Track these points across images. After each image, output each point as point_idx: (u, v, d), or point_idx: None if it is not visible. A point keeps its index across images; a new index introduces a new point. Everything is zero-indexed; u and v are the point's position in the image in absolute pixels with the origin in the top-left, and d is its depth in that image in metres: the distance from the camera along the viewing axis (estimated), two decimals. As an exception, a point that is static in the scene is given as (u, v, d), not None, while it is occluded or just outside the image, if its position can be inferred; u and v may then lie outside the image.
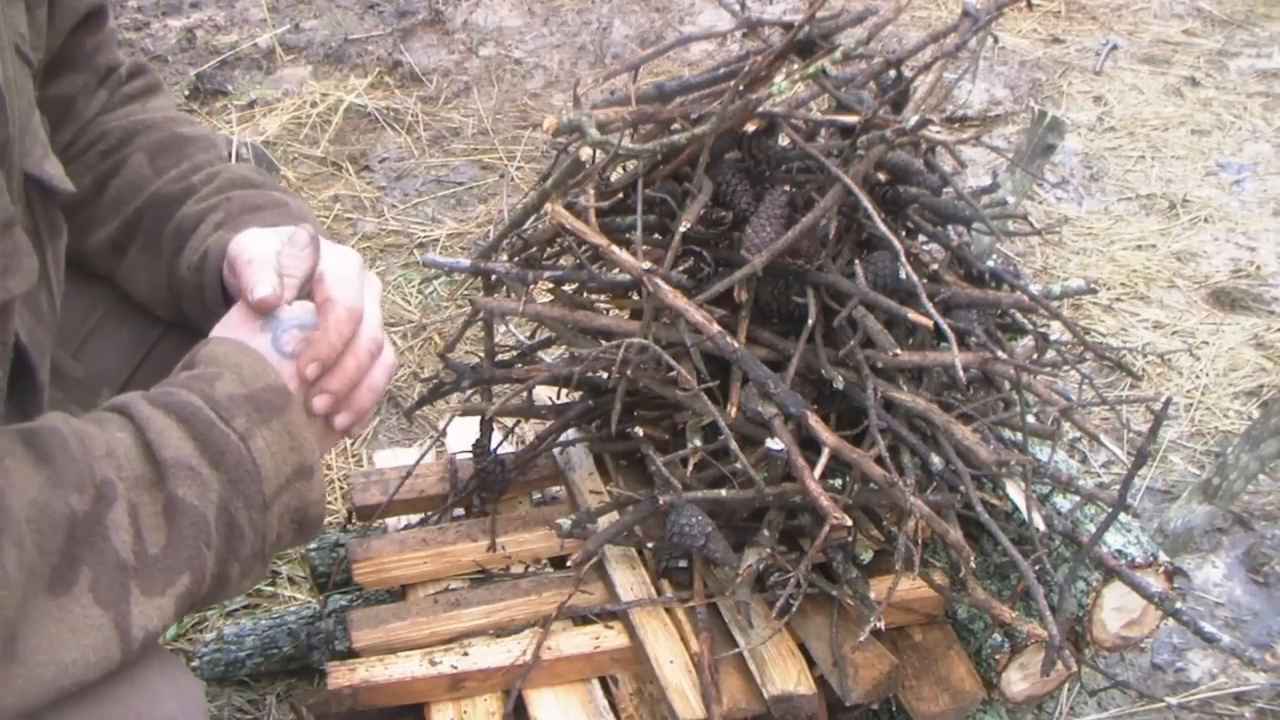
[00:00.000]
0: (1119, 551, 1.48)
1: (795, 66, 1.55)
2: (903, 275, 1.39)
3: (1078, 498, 1.56)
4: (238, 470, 0.91)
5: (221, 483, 0.90)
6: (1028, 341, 1.70)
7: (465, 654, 1.45)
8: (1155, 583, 1.47)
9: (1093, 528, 1.49)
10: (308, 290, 1.06)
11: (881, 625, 1.40)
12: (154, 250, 1.19)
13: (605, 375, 1.56)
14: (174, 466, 0.88)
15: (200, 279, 1.14)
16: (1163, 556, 1.51)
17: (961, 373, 1.38)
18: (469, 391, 1.64)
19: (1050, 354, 1.64)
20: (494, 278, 1.57)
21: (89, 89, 1.22)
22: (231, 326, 1.03)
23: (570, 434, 1.73)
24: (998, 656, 1.48)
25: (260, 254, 1.06)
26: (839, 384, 1.42)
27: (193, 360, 0.98)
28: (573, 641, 1.47)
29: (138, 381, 1.24)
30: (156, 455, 0.88)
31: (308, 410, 1.01)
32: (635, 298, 1.63)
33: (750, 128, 1.50)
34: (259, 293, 1.02)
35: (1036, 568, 1.43)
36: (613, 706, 1.45)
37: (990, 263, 1.65)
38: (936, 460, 1.43)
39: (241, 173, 1.23)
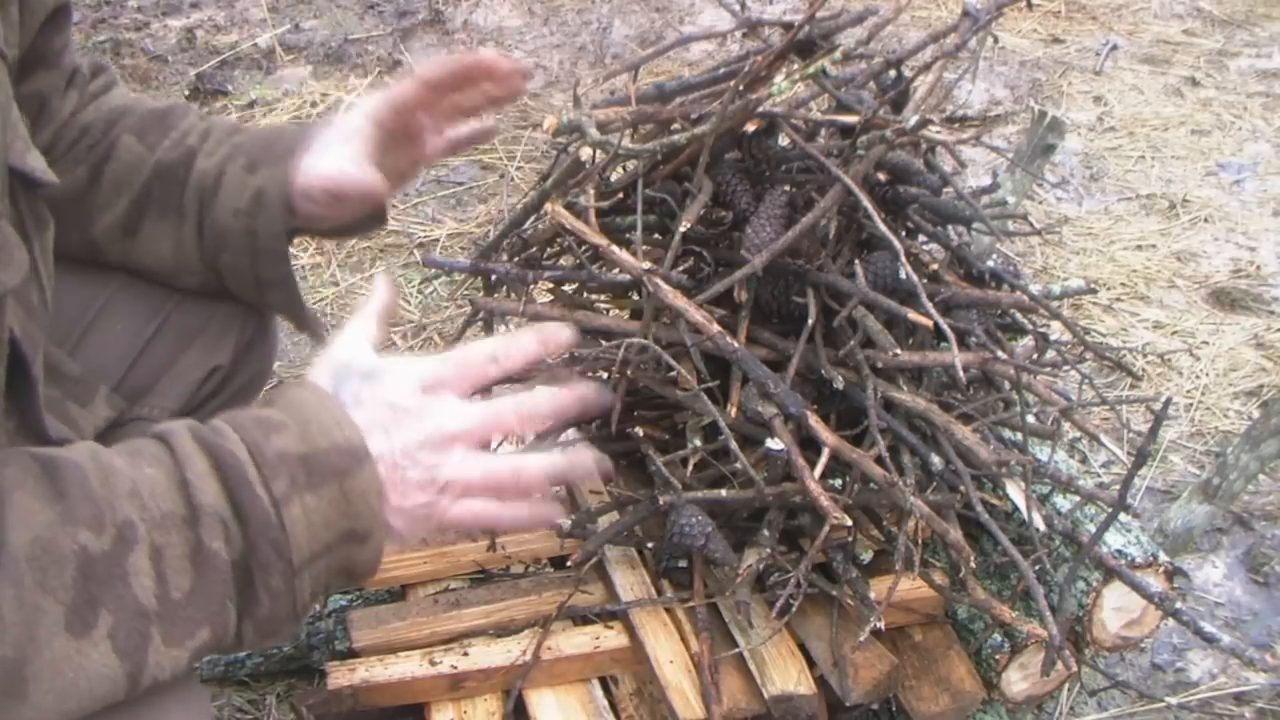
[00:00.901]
0: (1119, 551, 1.48)
1: (795, 66, 1.55)
2: (903, 275, 1.39)
3: (1078, 498, 1.56)
4: (260, 536, 0.86)
5: (245, 542, 0.86)
6: (1028, 341, 1.70)
7: (465, 654, 1.45)
8: (1155, 583, 1.47)
9: (1093, 528, 1.49)
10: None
11: (881, 625, 1.40)
12: (174, 216, 1.21)
13: (605, 375, 1.56)
14: (208, 515, 0.84)
15: (252, 221, 1.18)
16: (1163, 556, 1.51)
17: (961, 373, 1.38)
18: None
19: (1050, 354, 1.64)
20: (494, 278, 1.57)
21: (60, 89, 1.23)
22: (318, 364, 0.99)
23: (570, 434, 1.73)
24: (998, 656, 1.48)
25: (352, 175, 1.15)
26: (839, 384, 1.42)
27: (274, 397, 0.93)
28: (573, 641, 1.47)
29: (135, 376, 1.24)
30: (193, 499, 0.84)
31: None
32: (635, 298, 1.63)
33: (750, 128, 1.50)
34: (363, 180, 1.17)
35: (1036, 568, 1.43)
36: (613, 706, 1.45)
37: (990, 263, 1.65)
38: (936, 460, 1.43)
39: (230, 123, 1.27)
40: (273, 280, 1.25)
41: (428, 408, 0.94)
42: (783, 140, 1.57)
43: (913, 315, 1.38)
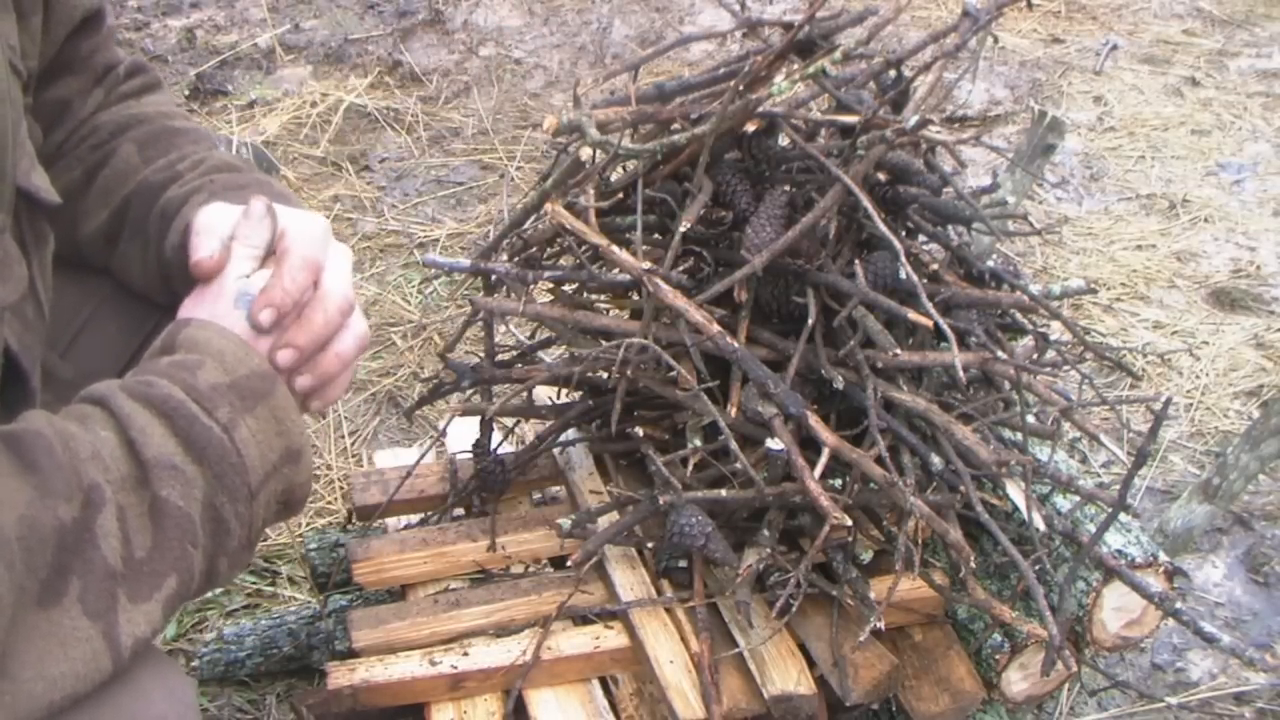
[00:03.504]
0: (1119, 551, 1.48)
1: (795, 66, 1.55)
2: (903, 275, 1.39)
3: (1078, 498, 1.56)
4: (222, 464, 0.90)
5: (206, 479, 0.89)
6: (1028, 341, 1.70)
7: (465, 654, 1.45)
8: (1155, 583, 1.47)
9: (1093, 528, 1.49)
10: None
11: (881, 625, 1.40)
12: (142, 237, 1.18)
13: (605, 375, 1.56)
14: (157, 466, 0.87)
15: (184, 256, 1.12)
16: (1163, 556, 1.51)
17: (961, 373, 1.38)
18: (469, 391, 1.64)
19: (1050, 354, 1.64)
20: (494, 278, 1.58)
21: (85, 90, 1.21)
22: (206, 304, 1.01)
23: (570, 434, 1.73)
24: (998, 656, 1.48)
25: (210, 225, 1.04)
26: (839, 384, 1.42)
27: (172, 344, 0.96)
28: (573, 641, 1.47)
29: None
30: (140, 455, 0.87)
31: (273, 364, 0.99)
32: (635, 298, 1.63)
33: (750, 128, 1.50)
34: (195, 256, 1.01)
35: (1036, 568, 1.43)
36: (613, 706, 1.45)
37: (990, 263, 1.65)
38: (936, 460, 1.43)
39: (226, 159, 1.22)
40: None
41: (318, 305, 1.01)
42: (783, 140, 1.57)
43: (913, 315, 1.38)
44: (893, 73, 1.56)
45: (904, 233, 1.61)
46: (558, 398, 1.85)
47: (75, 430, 0.86)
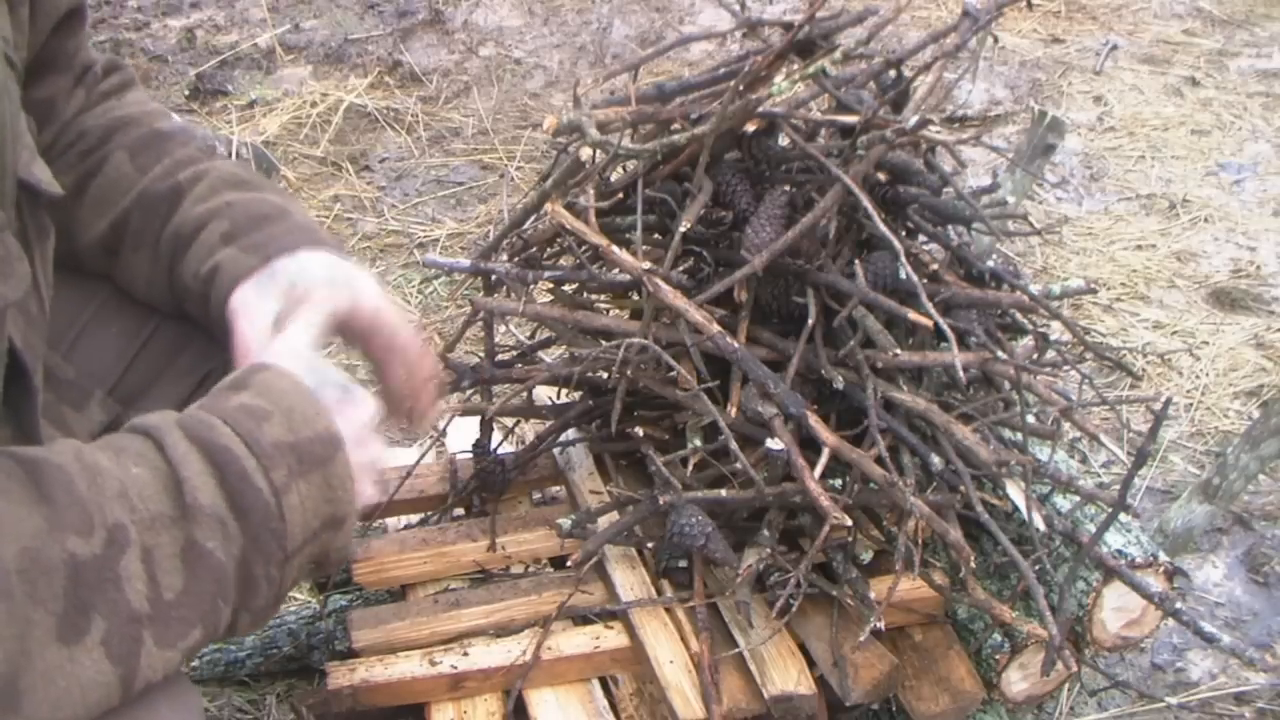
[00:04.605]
0: (1119, 551, 1.48)
1: (795, 66, 1.55)
2: (903, 275, 1.39)
3: (1078, 498, 1.56)
4: (262, 527, 0.88)
5: (245, 536, 0.87)
6: (1028, 341, 1.70)
7: (465, 654, 1.45)
8: (1155, 583, 1.47)
9: (1093, 528, 1.49)
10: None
11: (881, 625, 1.40)
12: (149, 252, 1.17)
13: (605, 375, 1.56)
14: (205, 514, 0.85)
15: (208, 290, 1.13)
16: (1163, 556, 1.51)
17: (961, 373, 1.38)
18: (469, 391, 1.64)
19: (1050, 354, 1.64)
20: (494, 278, 1.58)
21: (68, 90, 1.20)
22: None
23: (570, 434, 1.73)
24: (998, 656, 1.48)
25: (254, 336, 1.07)
26: (839, 384, 1.42)
27: (245, 381, 0.95)
28: (573, 641, 1.47)
29: (130, 380, 1.23)
30: (186, 498, 0.85)
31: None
32: (635, 298, 1.63)
33: (750, 128, 1.50)
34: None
35: (1036, 568, 1.43)
36: (613, 706, 1.45)
37: (990, 263, 1.65)
38: (936, 460, 1.43)
39: (231, 170, 1.21)
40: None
41: (359, 393, 1.01)
42: (783, 140, 1.57)
43: (913, 315, 1.38)
44: (893, 73, 1.56)
45: (904, 233, 1.61)
46: (558, 398, 1.85)
47: (105, 465, 0.84)
